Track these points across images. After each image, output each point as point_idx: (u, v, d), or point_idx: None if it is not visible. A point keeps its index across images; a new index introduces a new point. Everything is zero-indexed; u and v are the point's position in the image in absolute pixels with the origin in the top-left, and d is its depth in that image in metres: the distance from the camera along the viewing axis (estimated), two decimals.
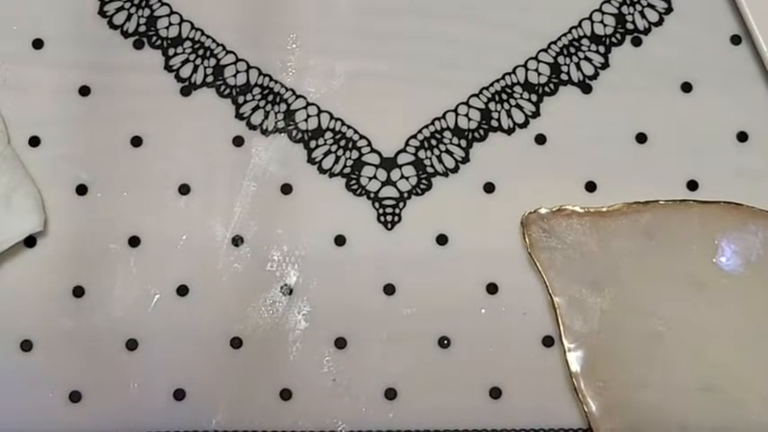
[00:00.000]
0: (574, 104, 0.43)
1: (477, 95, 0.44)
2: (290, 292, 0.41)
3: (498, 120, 0.43)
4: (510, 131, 0.43)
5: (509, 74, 0.44)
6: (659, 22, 0.44)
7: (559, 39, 0.44)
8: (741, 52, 0.44)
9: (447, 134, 0.43)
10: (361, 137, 0.43)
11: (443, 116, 0.43)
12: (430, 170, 0.43)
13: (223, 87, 0.43)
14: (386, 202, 0.42)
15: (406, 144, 0.43)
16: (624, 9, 0.44)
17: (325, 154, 0.43)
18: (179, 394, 0.40)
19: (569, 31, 0.44)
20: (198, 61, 0.44)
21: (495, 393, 0.40)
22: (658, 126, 0.43)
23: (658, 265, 0.40)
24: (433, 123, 0.43)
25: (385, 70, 0.44)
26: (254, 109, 0.43)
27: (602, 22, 0.44)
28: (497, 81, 0.44)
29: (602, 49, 0.44)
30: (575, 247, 0.41)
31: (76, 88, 0.43)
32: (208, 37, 0.44)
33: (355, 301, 0.41)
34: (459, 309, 0.41)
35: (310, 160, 0.43)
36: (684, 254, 0.41)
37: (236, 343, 0.41)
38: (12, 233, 0.41)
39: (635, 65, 0.44)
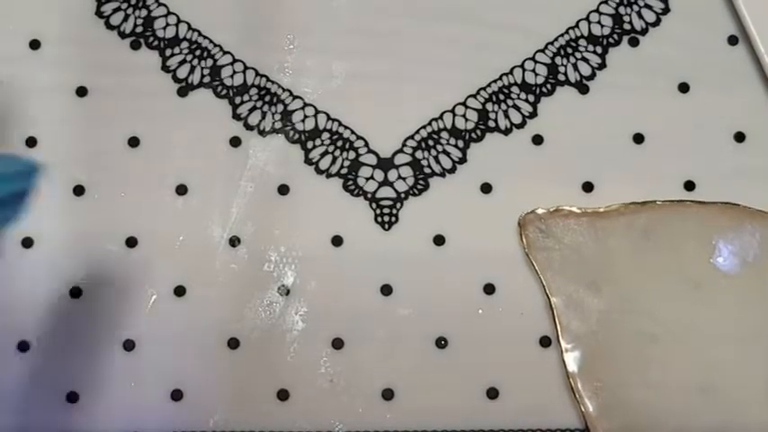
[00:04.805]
0: (571, 105, 0.43)
1: (474, 96, 0.44)
2: (288, 292, 0.41)
3: (495, 120, 0.43)
4: (507, 132, 0.43)
5: (506, 74, 0.44)
6: (656, 23, 0.44)
7: (556, 39, 0.44)
8: (738, 53, 0.44)
9: (444, 135, 0.43)
10: (359, 137, 0.43)
11: (440, 117, 0.43)
12: (427, 171, 0.43)
13: (220, 88, 0.43)
14: (383, 203, 0.42)
15: (404, 144, 0.43)
16: (621, 9, 0.44)
17: (323, 154, 0.43)
18: (176, 395, 0.40)
19: (566, 32, 0.44)
20: (195, 62, 0.44)
21: (493, 393, 0.40)
22: (655, 126, 0.43)
23: (656, 266, 0.40)
24: (430, 124, 0.43)
25: (382, 71, 0.44)
26: (252, 109, 0.43)
27: (599, 22, 0.44)
28: (495, 82, 0.44)
29: (599, 49, 0.44)
30: (572, 247, 0.41)
31: (74, 89, 0.43)
32: (205, 38, 0.44)
33: (352, 301, 0.41)
34: (457, 309, 0.41)
35: (307, 161, 0.43)
36: (682, 254, 0.41)
37: (234, 343, 0.41)
38: None
39: (632, 65, 0.44)
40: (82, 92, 0.43)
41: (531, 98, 0.43)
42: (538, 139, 0.43)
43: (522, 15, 0.44)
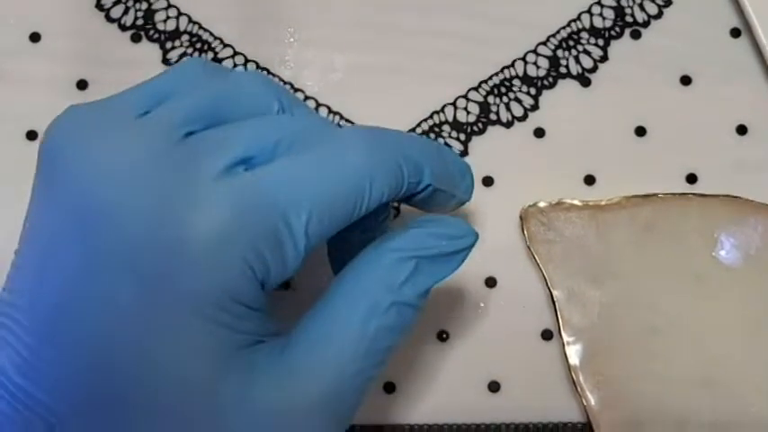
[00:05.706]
0: (573, 98, 0.43)
1: (475, 89, 0.43)
2: (288, 287, 0.41)
3: (497, 113, 0.43)
4: (509, 125, 0.43)
5: (508, 67, 0.44)
6: (658, 15, 0.44)
7: (558, 32, 0.44)
8: (741, 45, 0.44)
9: (446, 128, 0.43)
10: None
11: (442, 110, 0.43)
12: None
13: None
14: None
15: None
16: (623, 2, 0.44)
17: None
18: None
19: (568, 25, 0.44)
20: (195, 54, 0.44)
21: (494, 387, 0.40)
22: (657, 119, 0.43)
23: (657, 259, 0.40)
24: (431, 117, 0.43)
25: (383, 64, 0.44)
26: None
27: (601, 14, 0.44)
28: (496, 74, 0.44)
29: (601, 42, 0.44)
30: (574, 240, 0.41)
31: (74, 82, 0.43)
32: (205, 30, 0.44)
33: None
34: (458, 303, 0.41)
35: None
36: (684, 247, 0.40)
37: None
38: None
39: (634, 58, 0.44)
40: (82, 85, 0.43)
41: (533, 91, 0.43)
42: (539, 132, 0.43)
43: (524, 8, 0.44)
